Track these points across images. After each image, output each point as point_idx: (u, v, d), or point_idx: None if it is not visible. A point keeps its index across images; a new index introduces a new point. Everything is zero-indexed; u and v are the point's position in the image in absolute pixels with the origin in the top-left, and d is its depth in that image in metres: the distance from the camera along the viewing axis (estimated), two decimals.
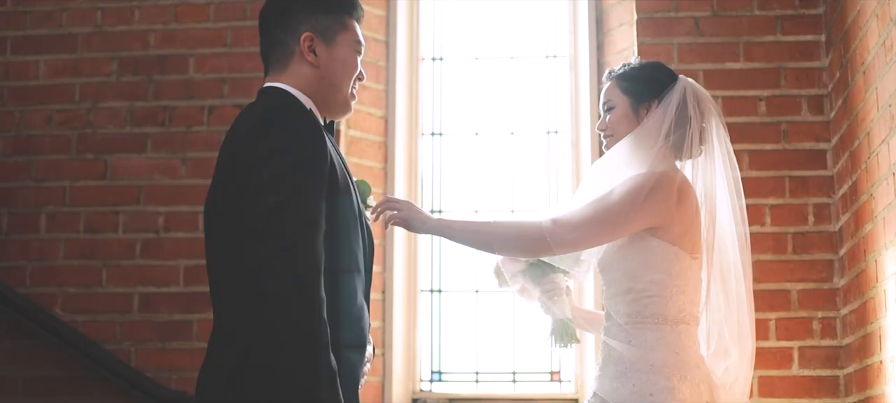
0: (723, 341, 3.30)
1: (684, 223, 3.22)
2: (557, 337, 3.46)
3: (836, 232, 4.76)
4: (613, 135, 3.40)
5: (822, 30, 4.93)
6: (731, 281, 3.33)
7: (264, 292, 2.42)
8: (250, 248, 2.45)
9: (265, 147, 2.54)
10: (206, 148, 5.03)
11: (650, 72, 3.44)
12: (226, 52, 5.12)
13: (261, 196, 2.49)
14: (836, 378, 4.68)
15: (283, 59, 2.81)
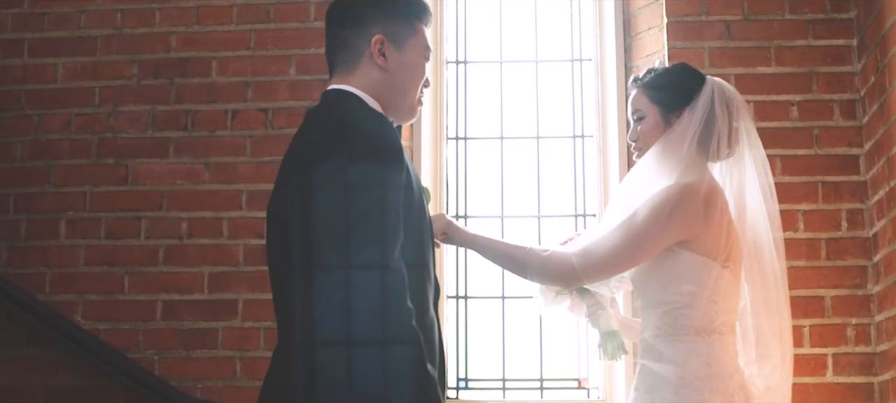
0: (765, 346, 3.27)
1: (713, 233, 3.19)
2: (605, 350, 3.44)
3: (869, 237, 4.71)
4: (643, 147, 3.36)
5: (854, 34, 4.88)
6: (770, 287, 3.29)
7: (349, 306, 2.34)
8: (332, 259, 2.38)
9: (346, 153, 2.47)
10: (229, 152, 4.96)
11: (678, 78, 3.40)
12: (249, 54, 5.05)
13: (343, 205, 2.42)
14: (870, 385, 4.63)
15: (351, 61, 2.74)
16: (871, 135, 4.67)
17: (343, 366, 2.38)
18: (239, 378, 4.78)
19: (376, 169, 2.48)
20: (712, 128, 3.27)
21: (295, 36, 5.05)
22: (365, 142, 2.52)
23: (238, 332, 4.83)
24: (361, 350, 2.34)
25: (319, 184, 2.46)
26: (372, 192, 2.45)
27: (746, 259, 3.27)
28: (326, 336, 2.41)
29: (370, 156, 2.49)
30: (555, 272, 3.22)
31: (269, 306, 4.68)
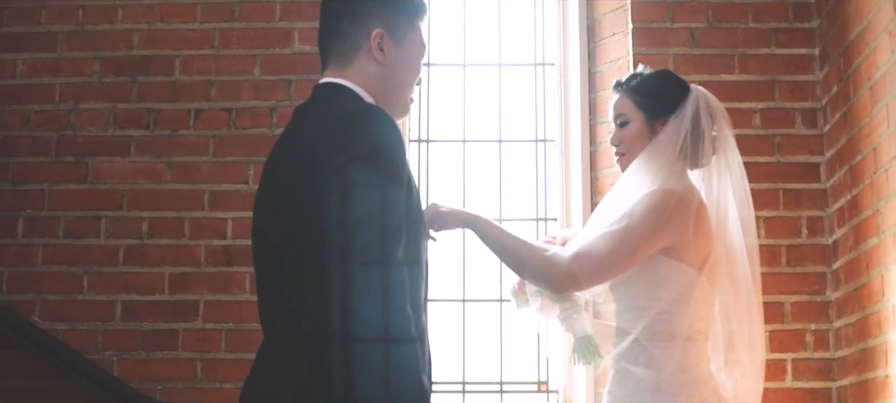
0: (734, 352, 3.29)
1: (699, 242, 3.21)
2: (580, 355, 3.42)
3: (829, 245, 4.76)
4: (628, 152, 3.36)
5: (816, 43, 4.93)
6: (742, 292, 3.31)
7: (350, 309, 2.31)
8: (333, 261, 2.33)
9: (350, 152, 2.40)
10: (191, 152, 4.92)
11: (664, 85, 3.41)
12: (213, 53, 5.00)
13: (346, 205, 2.36)
14: (829, 391, 4.68)
15: (348, 53, 2.67)
16: (833, 143, 4.72)
17: (342, 370, 2.36)
18: (200, 380, 4.74)
19: (382, 168, 2.42)
20: (698, 136, 3.29)
21: (260, 35, 5.02)
22: (370, 140, 2.44)
23: (199, 334, 4.78)
24: (358, 355, 2.32)
25: (318, 184, 2.40)
26: (376, 193, 2.38)
27: (720, 265, 3.29)
28: (312, 337, 2.37)
29: (376, 155, 2.42)
30: (553, 274, 3.18)
31: (232, 307, 4.69)
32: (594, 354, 3.41)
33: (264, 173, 2.68)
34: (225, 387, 4.73)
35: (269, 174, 2.64)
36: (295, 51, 5.00)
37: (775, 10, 5.01)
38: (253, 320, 4.73)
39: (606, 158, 5.12)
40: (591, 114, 5.22)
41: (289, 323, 2.45)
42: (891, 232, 4.05)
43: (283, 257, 2.49)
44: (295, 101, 4.93)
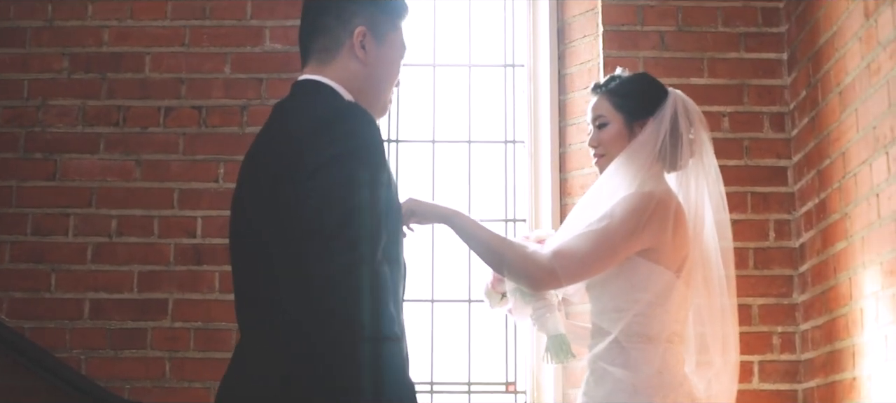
0: (707, 354, 3.31)
1: (676, 244, 3.22)
2: (553, 354, 3.43)
3: (796, 248, 4.81)
4: (607, 154, 3.37)
5: (785, 48, 4.98)
6: (716, 295, 3.33)
7: (330, 309, 2.29)
8: (313, 261, 2.31)
9: (332, 149, 2.38)
10: (161, 150, 4.89)
11: (643, 87, 3.42)
12: (183, 51, 4.98)
13: (328, 203, 2.34)
14: (795, 393, 4.73)
15: (330, 50, 2.65)
16: (800, 147, 4.76)
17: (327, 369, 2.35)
18: (168, 379, 4.72)
19: (363, 165, 2.40)
20: (676, 138, 3.31)
21: (231, 34, 5.00)
22: (351, 138, 2.42)
23: (168, 332, 4.76)
24: (342, 354, 2.31)
25: (305, 180, 2.37)
26: (358, 192, 2.36)
27: (696, 268, 3.31)
28: (291, 337, 2.36)
29: (357, 152, 2.40)
30: (533, 271, 3.18)
31: (201, 306, 4.68)
32: (567, 354, 3.42)
33: (242, 171, 2.66)
34: (194, 386, 4.71)
35: (247, 172, 2.62)
36: (266, 49, 4.98)
37: (744, 14, 5.05)
38: (222, 319, 4.74)
39: (576, 160, 5.14)
40: (560, 116, 5.24)
41: (269, 322, 2.44)
42: (859, 235, 4.09)
43: (262, 255, 2.47)
44: (266, 100, 4.92)
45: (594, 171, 4.96)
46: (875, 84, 3.96)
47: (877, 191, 3.94)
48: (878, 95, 3.93)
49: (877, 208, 3.94)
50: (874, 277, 3.95)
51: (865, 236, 4.04)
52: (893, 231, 3.80)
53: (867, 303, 4.01)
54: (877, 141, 3.94)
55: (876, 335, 3.93)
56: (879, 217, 3.92)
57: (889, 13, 3.83)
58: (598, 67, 5.06)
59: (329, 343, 2.30)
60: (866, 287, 4.02)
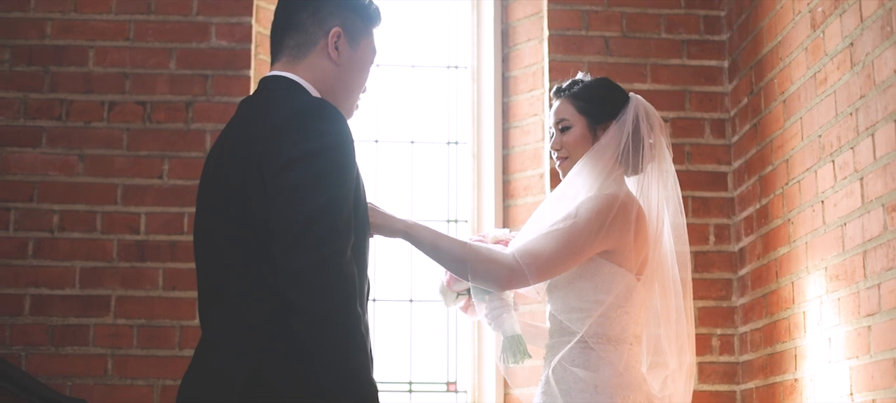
0: (661, 355, 3.36)
1: (636, 246, 3.27)
2: (509, 355, 3.44)
3: (735, 252, 4.91)
4: (570, 157, 3.40)
5: (726, 56, 5.08)
6: (671, 297, 3.38)
7: (297, 305, 2.30)
8: (282, 256, 2.33)
9: (304, 145, 2.39)
10: (105, 145, 4.83)
11: (605, 91, 3.47)
12: (128, 46, 4.92)
13: (298, 200, 2.35)
14: (733, 394, 4.83)
15: (303, 47, 2.65)
16: (741, 153, 4.86)
17: (293, 367, 2.36)
18: (110, 377, 4.66)
19: (335, 164, 2.42)
20: (638, 142, 3.36)
21: (176, 29, 4.95)
22: (324, 136, 2.43)
23: (110, 329, 4.70)
24: (307, 352, 2.32)
25: (275, 177, 2.38)
26: (328, 190, 2.37)
27: (654, 270, 3.35)
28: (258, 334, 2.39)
29: (329, 150, 2.42)
30: (499, 272, 3.19)
31: (144, 303, 4.64)
32: (523, 354, 3.43)
33: (208, 167, 2.64)
34: (136, 384, 4.66)
35: (213, 168, 2.61)
36: (212, 46, 4.95)
37: (686, 22, 5.14)
38: (166, 316, 4.70)
39: (519, 162, 5.19)
40: (504, 118, 5.29)
41: (234, 319, 2.44)
42: (802, 241, 4.19)
43: (229, 251, 2.47)
44: (211, 97, 4.89)
45: (538, 174, 5.05)
46: (821, 93, 4.05)
47: (821, 198, 4.04)
48: (824, 105, 4.03)
49: (822, 215, 4.04)
50: (819, 281, 4.05)
51: (809, 241, 4.14)
52: (839, 237, 3.90)
53: (810, 307, 4.11)
54: (822, 149, 4.04)
55: (819, 337, 4.03)
56: (824, 223, 4.02)
57: (838, 25, 3.93)
58: (543, 71, 5.12)
59: (296, 339, 2.33)
60: (809, 291, 4.12)
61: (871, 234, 3.67)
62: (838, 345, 3.88)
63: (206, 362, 2.49)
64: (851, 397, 3.77)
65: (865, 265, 3.70)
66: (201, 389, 2.47)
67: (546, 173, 5.01)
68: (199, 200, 2.65)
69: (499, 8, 5.39)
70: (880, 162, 3.61)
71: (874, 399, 3.62)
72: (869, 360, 3.66)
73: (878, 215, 3.62)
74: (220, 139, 2.66)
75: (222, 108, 4.89)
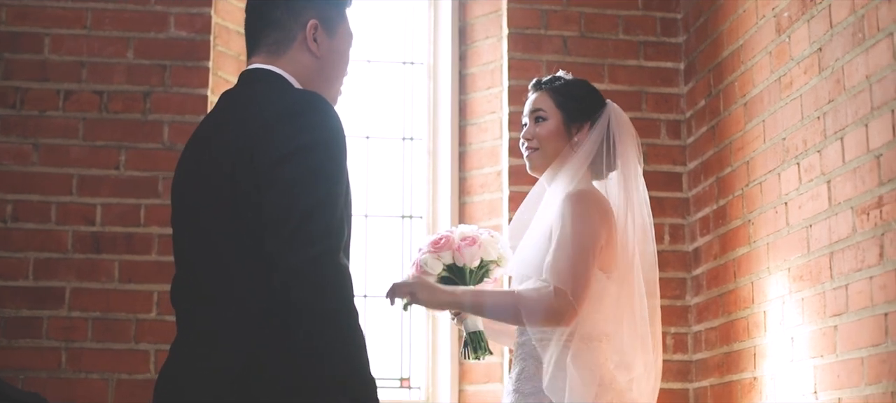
0: (625, 356, 3.40)
1: (609, 249, 3.30)
2: (472, 350, 3.45)
3: (690, 252, 4.98)
4: (541, 148, 3.42)
5: (682, 58, 5.15)
6: (636, 297, 3.42)
7: (295, 302, 2.27)
8: (278, 252, 2.29)
9: (299, 139, 2.36)
10: (60, 134, 4.74)
11: (586, 92, 3.50)
12: (85, 34, 4.83)
13: (294, 193, 2.31)
14: (686, 392, 4.89)
15: (281, 43, 2.62)
16: (697, 154, 4.93)
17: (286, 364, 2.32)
18: (64, 370, 4.58)
19: (331, 158, 2.39)
20: (609, 148, 3.40)
21: (134, 18, 4.88)
22: (319, 129, 2.40)
23: (64, 322, 4.62)
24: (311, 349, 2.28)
25: (270, 170, 2.35)
26: (323, 184, 2.34)
27: (624, 269, 3.39)
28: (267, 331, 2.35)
29: (325, 144, 2.39)
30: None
31: (99, 296, 4.58)
32: (484, 350, 3.45)
33: (189, 160, 2.59)
34: (91, 378, 4.59)
35: (196, 161, 2.56)
36: (170, 36, 4.88)
37: (644, 23, 5.20)
38: (122, 309, 4.64)
39: (476, 159, 5.21)
40: (460, 115, 5.30)
41: (225, 313, 2.40)
42: (763, 242, 4.27)
43: (219, 246, 2.43)
44: (169, 88, 4.83)
45: (495, 171, 5.07)
46: (786, 97, 4.13)
47: (785, 199, 4.12)
48: (789, 108, 4.10)
49: (785, 216, 4.11)
50: (781, 281, 4.12)
51: (771, 242, 4.21)
52: (803, 238, 3.97)
53: (772, 306, 4.18)
54: (787, 152, 4.11)
55: (781, 337, 4.10)
56: (788, 224, 4.09)
57: (805, 30, 4.01)
58: (502, 69, 5.14)
59: (292, 335, 2.29)
60: (771, 291, 4.20)
61: (838, 236, 3.74)
62: (802, 344, 3.96)
63: (194, 357, 2.43)
64: (815, 395, 3.85)
65: (832, 266, 3.78)
66: (191, 384, 2.41)
67: (504, 170, 5.04)
68: (181, 195, 2.59)
69: (456, 5, 5.40)
70: (849, 165, 3.69)
71: (840, 397, 3.70)
72: (835, 359, 3.74)
73: (846, 217, 3.70)
74: (202, 133, 2.61)
75: (180, 99, 4.83)
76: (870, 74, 3.59)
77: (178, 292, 2.59)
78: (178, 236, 2.61)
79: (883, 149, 3.50)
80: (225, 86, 4.99)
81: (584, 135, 3.40)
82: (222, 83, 4.97)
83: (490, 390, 4.96)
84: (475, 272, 3.49)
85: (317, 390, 2.30)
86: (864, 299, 3.59)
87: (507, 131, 5.04)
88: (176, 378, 2.47)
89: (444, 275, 3.47)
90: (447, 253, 3.46)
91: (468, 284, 3.48)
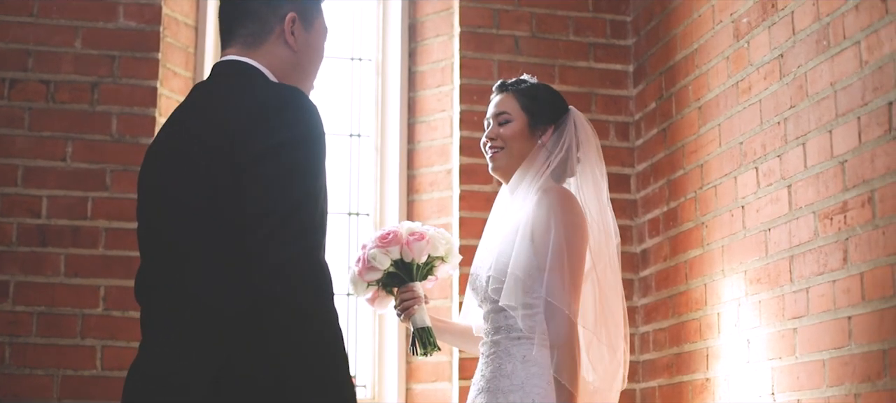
0: (594, 351, 3.42)
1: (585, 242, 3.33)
2: (419, 346, 3.46)
3: (638, 253, 5.03)
4: (505, 147, 3.43)
5: (631, 61, 5.19)
6: (599, 295, 3.44)
7: (279, 298, 2.22)
8: (258, 250, 2.24)
9: (282, 134, 2.32)
10: (5, 124, 4.63)
11: (550, 96, 3.54)
12: (32, 22, 4.72)
13: (277, 189, 2.27)
14: (633, 392, 4.94)
15: (258, 35, 2.58)
16: (646, 156, 4.99)
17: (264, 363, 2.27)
18: (8, 366, 4.46)
19: (314, 153, 2.35)
20: (571, 154, 3.44)
21: (82, 7, 4.77)
22: (303, 125, 2.36)
23: (9, 317, 4.50)
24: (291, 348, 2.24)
25: (252, 164, 2.30)
26: (308, 179, 2.31)
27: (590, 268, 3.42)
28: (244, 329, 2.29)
29: (308, 139, 2.35)
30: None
31: (45, 290, 4.49)
32: (433, 346, 3.46)
33: (162, 152, 2.53)
34: (35, 373, 4.48)
35: (172, 153, 2.49)
36: (119, 26, 4.79)
37: (593, 25, 5.23)
38: (68, 304, 4.55)
39: (425, 157, 5.20)
40: (409, 113, 5.28)
41: (198, 312, 2.35)
42: (718, 244, 4.32)
43: (194, 242, 2.38)
44: (118, 79, 4.74)
45: (445, 170, 5.07)
46: (744, 102, 4.19)
47: (742, 203, 4.18)
48: (748, 113, 4.16)
49: (741, 219, 4.18)
50: (737, 284, 4.18)
51: (726, 245, 4.27)
52: (761, 241, 4.04)
53: (726, 308, 4.24)
54: (744, 156, 4.17)
55: (736, 338, 4.16)
56: (744, 227, 4.15)
57: (765, 36, 4.07)
58: (452, 67, 5.14)
59: (271, 333, 2.25)
60: (725, 293, 4.25)
61: (799, 240, 3.81)
62: (758, 346, 4.02)
63: (168, 357, 2.37)
64: (773, 396, 3.91)
65: (792, 269, 3.84)
66: (167, 386, 2.34)
67: (455, 169, 5.03)
68: (151, 187, 2.53)
69: (406, 2, 5.38)
70: (811, 170, 3.75)
71: (800, 399, 3.77)
72: (794, 361, 3.80)
73: (808, 221, 3.76)
74: (176, 125, 2.55)
75: (129, 91, 4.74)
76: (834, 81, 3.65)
77: (146, 287, 2.52)
78: (147, 229, 2.54)
79: (848, 155, 3.56)
80: (173, 78, 4.92)
81: (547, 139, 3.43)
82: (170, 75, 4.89)
83: (438, 388, 4.96)
84: (421, 268, 3.49)
85: (295, 390, 2.25)
86: (826, 302, 3.65)
87: (458, 129, 5.04)
88: (149, 379, 2.39)
89: (391, 271, 3.47)
90: (395, 248, 3.45)
91: (415, 280, 3.48)
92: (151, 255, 2.52)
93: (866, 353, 3.45)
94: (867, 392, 3.44)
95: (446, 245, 3.54)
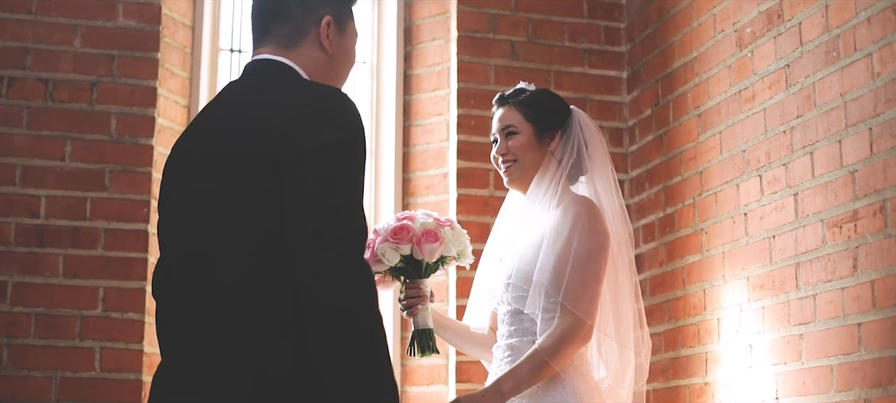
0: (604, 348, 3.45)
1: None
2: (418, 347, 3.44)
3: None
4: (518, 160, 3.44)
5: (625, 67, 5.24)
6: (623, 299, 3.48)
7: (325, 301, 2.23)
8: (303, 250, 2.24)
9: (327, 135, 2.32)
10: (3, 123, 4.58)
11: (551, 102, 3.55)
12: (30, 19, 4.68)
13: (323, 190, 2.26)
14: None
15: (294, 37, 2.59)
16: (641, 162, 5.04)
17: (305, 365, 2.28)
18: (6, 367, 4.43)
19: (358, 156, 2.37)
20: (581, 154, 3.45)
21: (82, 5, 4.74)
22: (349, 127, 2.37)
23: (7, 318, 4.46)
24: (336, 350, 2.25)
25: (298, 163, 2.29)
26: (350, 181, 2.33)
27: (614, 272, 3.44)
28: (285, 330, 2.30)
29: (353, 142, 2.37)
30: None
31: (43, 291, 4.47)
32: (431, 349, 3.44)
33: (195, 150, 2.52)
34: (33, 375, 4.45)
35: (208, 151, 2.47)
36: (119, 25, 4.76)
37: (588, 32, 5.28)
38: (66, 305, 4.52)
39: (420, 160, 5.21)
40: (405, 116, 5.30)
41: (235, 314, 2.34)
42: (718, 250, 4.38)
43: (229, 239, 2.36)
44: (117, 78, 4.72)
45: (442, 173, 5.09)
46: (747, 110, 4.25)
47: (744, 210, 4.23)
48: (751, 121, 4.22)
49: (744, 226, 4.23)
50: (739, 290, 4.23)
51: (727, 251, 4.32)
52: (765, 248, 4.09)
53: (727, 314, 4.29)
54: (747, 164, 4.23)
55: (738, 344, 4.21)
56: (747, 234, 4.21)
57: (771, 46, 4.13)
58: (449, 71, 5.16)
59: (321, 334, 2.24)
60: (726, 299, 4.31)
61: (806, 247, 3.86)
62: (762, 352, 4.07)
63: (202, 361, 2.36)
64: (777, 401, 3.97)
65: (798, 276, 3.90)
66: (203, 392, 2.33)
67: (451, 173, 5.05)
68: (181, 185, 2.51)
69: (401, 5, 5.40)
70: (819, 179, 3.81)
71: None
72: (800, 366, 3.86)
73: (815, 229, 3.82)
74: (210, 122, 2.54)
75: (129, 91, 4.72)
76: (844, 92, 3.72)
77: (170, 286, 2.50)
78: (174, 226, 2.52)
79: (859, 164, 3.63)
80: (171, 78, 4.90)
81: (556, 146, 3.45)
82: (169, 75, 4.87)
83: (434, 391, 4.97)
84: (431, 266, 3.49)
85: (339, 393, 2.25)
86: (834, 309, 3.71)
87: (455, 134, 5.06)
88: (184, 384, 2.38)
89: (399, 266, 3.45)
90: (406, 246, 3.42)
91: (422, 277, 3.45)
92: (179, 252, 2.49)
93: (877, 359, 3.51)
94: (878, 398, 3.50)
95: (459, 247, 3.50)
